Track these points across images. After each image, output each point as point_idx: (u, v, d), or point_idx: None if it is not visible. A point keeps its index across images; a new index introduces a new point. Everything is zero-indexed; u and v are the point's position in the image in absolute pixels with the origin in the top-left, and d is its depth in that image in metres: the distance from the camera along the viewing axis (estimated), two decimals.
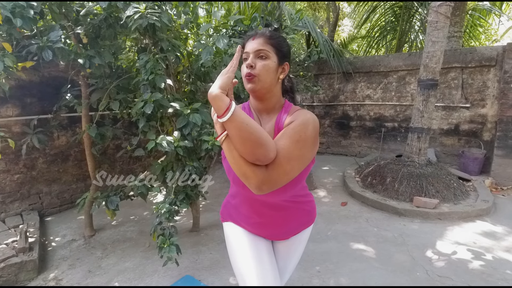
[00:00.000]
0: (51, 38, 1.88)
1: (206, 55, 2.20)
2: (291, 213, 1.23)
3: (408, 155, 4.18)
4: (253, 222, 1.23)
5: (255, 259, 1.17)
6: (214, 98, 0.91)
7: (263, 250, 1.22)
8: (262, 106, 1.15)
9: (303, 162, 1.03)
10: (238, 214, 1.27)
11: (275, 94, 1.14)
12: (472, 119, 5.07)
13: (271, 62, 1.07)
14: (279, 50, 1.09)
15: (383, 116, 5.94)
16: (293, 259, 1.34)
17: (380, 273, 2.44)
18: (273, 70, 1.07)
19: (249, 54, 1.07)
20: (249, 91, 1.11)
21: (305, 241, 1.35)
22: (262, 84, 1.07)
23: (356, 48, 9.69)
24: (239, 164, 0.95)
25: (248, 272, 1.16)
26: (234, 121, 0.91)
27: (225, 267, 2.55)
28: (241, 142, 0.92)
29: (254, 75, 1.05)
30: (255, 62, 1.05)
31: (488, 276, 2.39)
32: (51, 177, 3.47)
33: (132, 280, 2.42)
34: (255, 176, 0.94)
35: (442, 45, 3.82)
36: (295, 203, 1.23)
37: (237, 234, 1.27)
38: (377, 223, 3.34)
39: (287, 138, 1.00)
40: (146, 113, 2.11)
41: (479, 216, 3.44)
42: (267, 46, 1.06)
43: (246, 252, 1.20)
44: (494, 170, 4.54)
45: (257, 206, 1.19)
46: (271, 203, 1.18)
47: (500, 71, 4.70)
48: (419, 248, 2.80)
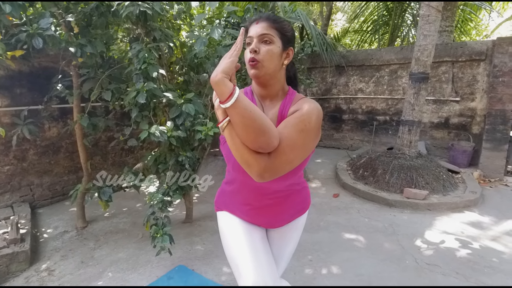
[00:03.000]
0: (41, 25, 1.85)
1: (200, 46, 2.19)
2: (287, 200, 1.23)
3: (399, 148, 4.25)
4: (249, 210, 1.22)
5: (250, 249, 1.15)
6: (217, 83, 0.87)
7: (258, 239, 1.20)
8: (265, 92, 1.12)
9: (306, 151, 1.02)
10: (234, 202, 1.26)
11: (279, 80, 1.11)
12: (462, 112, 5.16)
13: (275, 47, 1.03)
14: (284, 35, 1.06)
15: (375, 109, 6.00)
16: (289, 246, 1.33)
17: (371, 261, 2.50)
18: (277, 55, 1.04)
19: (252, 39, 1.03)
20: (252, 77, 1.07)
21: (300, 229, 1.34)
22: (266, 70, 1.03)
23: (349, 42, 9.72)
24: (241, 151, 0.93)
25: (243, 262, 1.13)
26: (238, 107, 0.88)
27: (218, 257, 2.57)
28: (244, 129, 0.90)
29: (258, 60, 1.01)
30: (259, 47, 1.02)
31: (474, 264, 2.46)
32: (42, 168, 3.43)
33: (125, 270, 2.43)
34: (257, 164, 0.93)
35: (433, 39, 3.87)
36: (291, 191, 1.23)
37: (231, 224, 1.25)
38: (368, 214, 3.40)
39: (292, 127, 0.98)
40: (139, 103, 2.10)
41: (467, 207, 3.53)
42: (272, 30, 1.03)
43: (241, 242, 1.18)
44: (482, 163, 4.64)
45: (255, 193, 1.18)
46: (270, 190, 1.17)
47: (489, 65, 4.77)
48: (409, 238, 2.86)
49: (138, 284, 2.26)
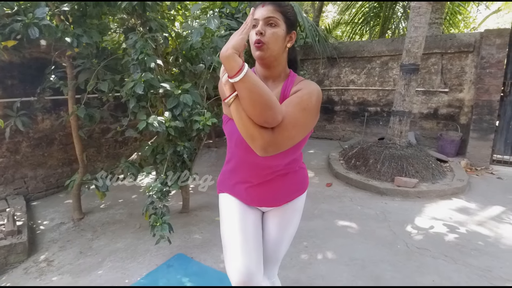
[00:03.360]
0: (37, 15, 1.83)
1: (196, 36, 2.20)
2: (285, 179, 1.25)
3: (390, 138, 4.35)
4: (248, 188, 1.24)
5: (241, 237, 1.20)
6: (228, 58, 0.90)
7: (251, 227, 1.25)
8: (269, 73, 1.16)
9: (307, 129, 1.07)
10: (233, 181, 1.29)
11: (281, 62, 1.15)
12: (450, 103, 5.29)
13: (280, 30, 1.07)
14: (288, 19, 1.09)
15: (366, 100, 6.09)
16: (290, 229, 1.34)
17: (364, 247, 2.59)
18: (281, 38, 1.08)
19: (258, 21, 1.06)
20: (257, 59, 1.11)
21: (299, 211, 1.36)
22: (270, 52, 1.07)
23: (340, 34, 9.77)
24: (247, 125, 0.97)
25: (232, 250, 1.20)
26: (246, 81, 0.91)
27: (216, 245, 2.63)
28: (251, 104, 0.94)
29: (263, 42, 1.05)
30: (265, 29, 1.05)
31: (462, 247, 2.58)
32: (36, 161, 3.40)
33: (125, 259, 2.46)
34: (261, 138, 0.97)
35: (424, 31, 3.94)
36: (290, 170, 1.25)
37: (229, 208, 1.29)
38: (360, 202, 3.50)
39: (294, 106, 1.03)
40: (136, 93, 2.11)
41: (454, 194, 3.66)
42: (277, 13, 1.06)
43: (234, 229, 1.23)
44: (469, 152, 4.79)
45: (254, 170, 1.20)
46: (269, 167, 1.19)
47: (477, 57, 4.89)
48: (400, 224, 2.97)
49: (138, 272, 2.30)
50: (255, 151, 1.01)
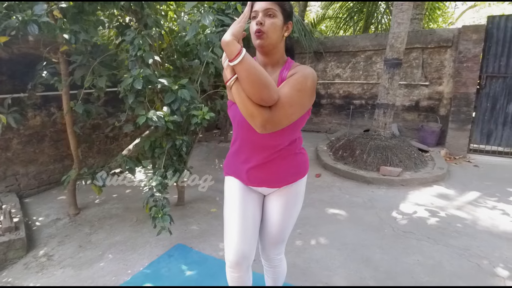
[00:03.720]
0: (35, 12, 1.85)
1: (192, 32, 2.26)
2: (285, 160, 1.33)
3: (375, 129, 4.54)
4: (250, 168, 1.33)
5: (240, 223, 1.34)
6: (228, 44, 1.03)
7: (251, 213, 1.38)
8: (268, 60, 1.25)
9: (302, 108, 1.18)
10: (237, 163, 1.38)
11: (279, 50, 1.24)
12: (431, 96, 5.55)
13: (278, 20, 1.16)
14: (285, 10, 1.19)
15: (352, 94, 6.29)
16: (291, 212, 1.42)
17: (353, 232, 2.75)
18: (279, 28, 1.17)
19: (258, 13, 1.15)
20: (257, 47, 1.21)
21: (301, 196, 1.45)
22: (269, 41, 1.17)
23: (324, 29, 9.92)
24: (247, 104, 1.07)
25: (231, 235, 1.34)
26: (244, 63, 1.02)
27: (213, 235, 2.73)
28: (249, 83, 1.04)
29: (263, 31, 1.14)
30: (264, 20, 1.15)
31: (443, 229, 2.79)
32: (27, 158, 3.38)
33: (125, 251, 2.52)
34: (260, 115, 1.07)
35: (406, 26, 4.12)
36: (290, 152, 1.33)
37: (232, 191, 1.41)
38: (348, 191, 3.67)
39: (291, 87, 1.13)
40: (135, 89, 2.16)
41: (435, 181, 3.89)
42: (275, 5, 1.15)
43: (234, 215, 1.36)
44: (448, 142, 5.07)
45: (256, 150, 1.30)
46: (270, 147, 1.28)
47: (455, 51, 5.15)
48: (386, 210, 3.16)
49: (140, 262, 2.37)
50: (255, 129, 1.11)
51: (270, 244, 1.49)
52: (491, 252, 2.42)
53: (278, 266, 1.56)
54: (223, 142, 5.89)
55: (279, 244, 1.49)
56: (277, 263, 1.55)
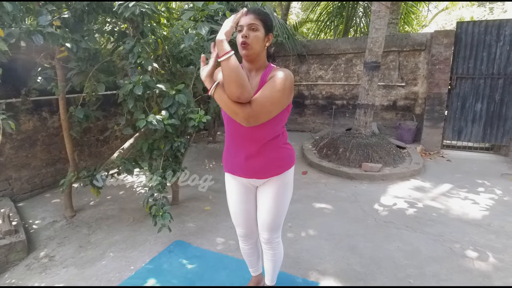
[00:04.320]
0: (40, 23, 1.94)
1: (189, 41, 2.41)
2: (271, 154, 1.52)
3: (356, 128, 4.82)
4: (241, 161, 1.54)
5: (240, 209, 1.71)
6: (221, 42, 1.24)
7: (245, 202, 1.69)
8: (252, 66, 1.46)
9: (281, 105, 1.39)
10: (231, 157, 1.60)
11: (262, 57, 1.45)
12: (407, 96, 5.90)
13: (260, 33, 1.37)
14: (266, 24, 1.39)
15: (334, 94, 6.57)
16: (282, 200, 1.62)
17: (339, 223, 2.98)
18: (261, 39, 1.38)
19: (243, 27, 1.36)
20: (243, 56, 1.42)
21: (289, 186, 1.66)
22: (253, 51, 1.37)
23: (306, 31, 10.22)
24: (229, 105, 1.28)
25: (234, 217, 1.76)
26: (230, 62, 1.23)
27: (210, 231, 2.88)
28: (230, 80, 1.24)
29: (248, 43, 1.35)
30: (249, 33, 1.35)
31: (420, 219, 3.06)
32: (19, 162, 3.40)
33: (125, 249, 2.63)
34: (242, 111, 1.27)
35: (383, 32, 4.41)
36: (276, 145, 1.52)
37: (230, 187, 1.71)
38: (333, 187, 3.91)
39: (271, 87, 1.33)
40: (135, 94, 2.29)
41: (412, 175, 4.20)
42: (257, 20, 1.36)
43: (235, 204, 1.71)
44: (424, 139, 5.43)
45: (244, 143, 1.50)
46: (256, 141, 1.48)
47: (428, 54, 5.51)
48: (368, 203, 3.41)
49: (141, 259, 2.49)
50: (241, 123, 1.33)
51: (267, 229, 1.69)
52: (462, 237, 2.70)
53: (276, 249, 1.77)
54: (212, 143, 6.03)
55: (275, 229, 1.69)
56: (275, 246, 1.75)
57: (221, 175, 4.31)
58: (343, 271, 2.28)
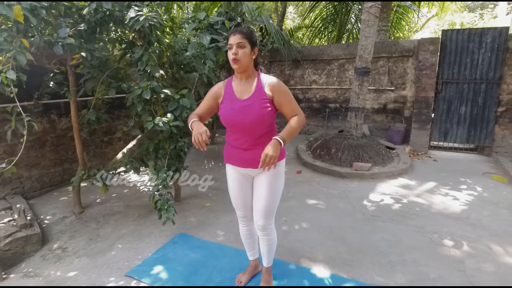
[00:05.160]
0: (60, 35, 2.17)
1: (192, 50, 2.66)
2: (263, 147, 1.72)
3: (348, 130, 5.08)
4: (238, 153, 1.83)
5: (239, 196, 1.98)
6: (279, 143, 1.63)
7: (243, 189, 1.96)
8: (243, 76, 1.76)
9: (294, 101, 1.80)
10: (230, 149, 1.88)
11: (250, 68, 1.74)
12: (396, 99, 6.19)
13: (247, 49, 1.66)
14: (251, 41, 1.68)
15: (327, 98, 6.85)
16: (275, 189, 1.86)
17: (331, 217, 3.23)
18: (248, 54, 1.67)
19: (232, 45, 1.65)
20: (234, 69, 1.72)
21: (281, 176, 1.89)
22: (242, 64, 1.67)
23: (301, 36, 10.52)
24: (298, 130, 1.76)
25: (234, 203, 2.04)
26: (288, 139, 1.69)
27: (210, 225, 3.11)
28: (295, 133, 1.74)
29: (237, 59, 1.64)
30: (237, 51, 1.64)
31: (405, 213, 3.31)
32: (30, 162, 3.61)
33: (133, 241, 2.85)
34: (302, 122, 1.77)
35: (373, 39, 4.69)
36: (266, 141, 1.70)
37: (230, 177, 1.97)
38: (326, 185, 4.16)
39: (287, 97, 1.75)
40: (143, 98, 2.52)
41: (400, 174, 4.47)
42: (244, 39, 1.65)
43: (235, 191, 1.99)
44: (412, 140, 5.71)
45: (242, 138, 1.79)
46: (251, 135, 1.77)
47: (416, 60, 5.81)
48: (358, 200, 3.66)
49: (148, 250, 2.71)
50: (303, 125, 1.79)
51: (262, 216, 1.92)
52: (441, 229, 2.96)
53: (270, 234, 2.00)
54: (210, 144, 6.26)
55: (269, 215, 1.93)
56: (269, 232, 1.99)
57: (220, 174, 4.54)
58: (332, 258, 2.52)
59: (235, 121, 1.73)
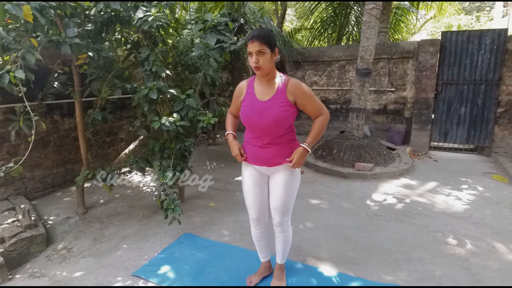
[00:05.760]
0: (68, 35, 2.18)
1: (198, 50, 2.67)
2: (280, 146, 1.81)
3: (349, 131, 5.11)
4: (256, 151, 1.85)
5: (253, 196, 1.97)
6: (305, 151, 1.79)
7: (258, 188, 1.95)
8: (266, 78, 1.77)
9: (316, 98, 1.83)
10: (248, 147, 1.89)
11: (272, 70, 1.75)
12: (396, 100, 6.24)
13: (267, 54, 1.64)
14: (271, 44, 1.65)
15: (328, 99, 6.88)
16: (291, 188, 1.89)
17: (334, 217, 3.24)
18: (269, 59, 1.66)
19: (252, 53, 1.64)
20: (258, 75, 1.75)
21: (296, 175, 1.92)
22: (265, 70, 1.67)
23: (300, 38, 10.58)
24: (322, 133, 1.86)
25: (248, 202, 2.01)
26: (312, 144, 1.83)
27: (215, 225, 3.11)
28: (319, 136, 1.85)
29: (259, 66, 1.65)
30: (258, 58, 1.63)
31: (407, 212, 3.34)
32: (33, 162, 3.60)
33: (138, 241, 2.85)
34: (326, 119, 1.85)
35: (374, 41, 4.73)
36: (285, 139, 1.81)
37: (246, 174, 1.98)
38: (328, 185, 4.18)
39: (311, 98, 1.77)
40: (149, 98, 2.53)
41: (401, 174, 4.50)
42: (263, 45, 1.62)
43: (249, 190, 1.98)
44: (412, 140, 5.75)
45: (260, 137, 1.82)
46: (268, 135, 1.79)
47: (416, 61, 5.86)
48: (361, 199, 3.68)
49: (154, 250, 2.70)
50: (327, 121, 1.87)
51: (278, 212, 1.95)
52: (444, 227, 2.98)
53: (286, 231, 2.02)
54: (212, 145, 6.26)
55: (285, 212, 1.95)
56: (285, 228, 2.01)
57: (222, 175, 4.55)
58: (338, 257, 2.53)
59: (253, 121, 1.76)
